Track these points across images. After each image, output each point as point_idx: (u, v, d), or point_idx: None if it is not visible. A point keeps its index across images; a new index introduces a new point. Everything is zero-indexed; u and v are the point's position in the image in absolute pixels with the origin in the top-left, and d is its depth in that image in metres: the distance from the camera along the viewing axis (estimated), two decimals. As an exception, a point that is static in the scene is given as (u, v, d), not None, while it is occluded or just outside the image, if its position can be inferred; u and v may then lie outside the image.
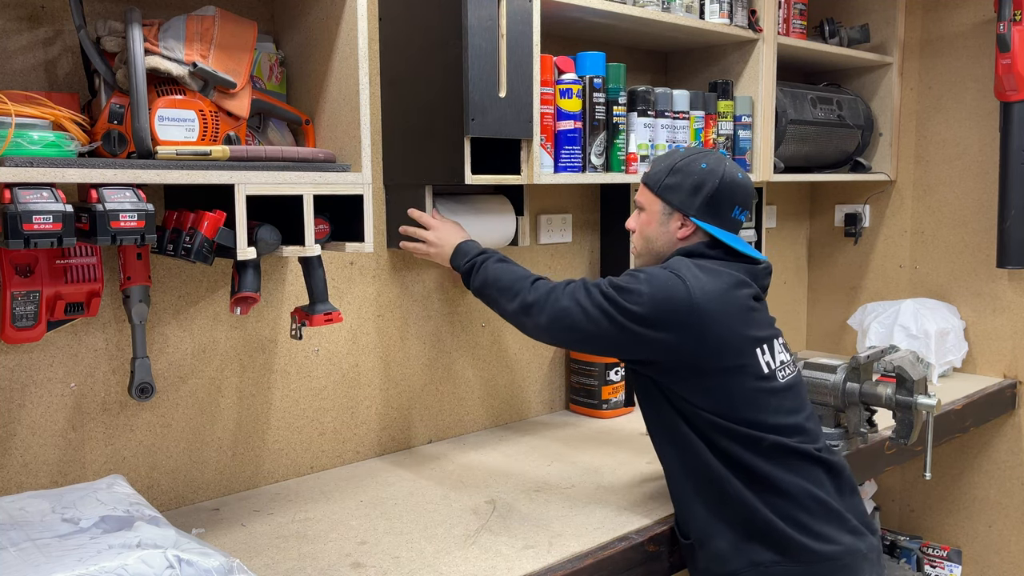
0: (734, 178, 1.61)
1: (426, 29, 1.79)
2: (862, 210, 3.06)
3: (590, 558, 1.48)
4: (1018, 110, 2.54)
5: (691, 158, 1.62)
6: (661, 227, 1.64)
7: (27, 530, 1.15)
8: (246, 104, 1.49)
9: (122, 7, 1.54)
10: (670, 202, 1.62)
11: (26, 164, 1.18)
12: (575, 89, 1.97)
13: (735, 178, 1.61)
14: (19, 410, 1.52)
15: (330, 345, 1.92)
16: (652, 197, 1.65)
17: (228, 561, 1.11)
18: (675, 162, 1.63)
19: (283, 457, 1.87)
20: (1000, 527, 2.81)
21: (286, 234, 1.48)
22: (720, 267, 1.57)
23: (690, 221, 1.61)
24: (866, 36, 2.80)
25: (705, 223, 1.60)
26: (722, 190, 1.59)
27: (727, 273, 1.56)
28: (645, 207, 1.66)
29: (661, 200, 1.63)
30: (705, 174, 1.60)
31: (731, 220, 1.62)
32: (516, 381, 2.31)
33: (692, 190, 1.60)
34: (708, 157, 1.62)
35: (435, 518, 1.64)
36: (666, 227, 1.63)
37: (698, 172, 1.60)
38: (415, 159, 1.87)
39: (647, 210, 1.66)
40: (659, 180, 1.63)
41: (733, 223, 1.62)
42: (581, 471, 1.91)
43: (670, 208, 1.62)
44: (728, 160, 1.64)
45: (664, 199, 1.62)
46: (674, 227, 1.63)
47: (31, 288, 1.33)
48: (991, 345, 2.80)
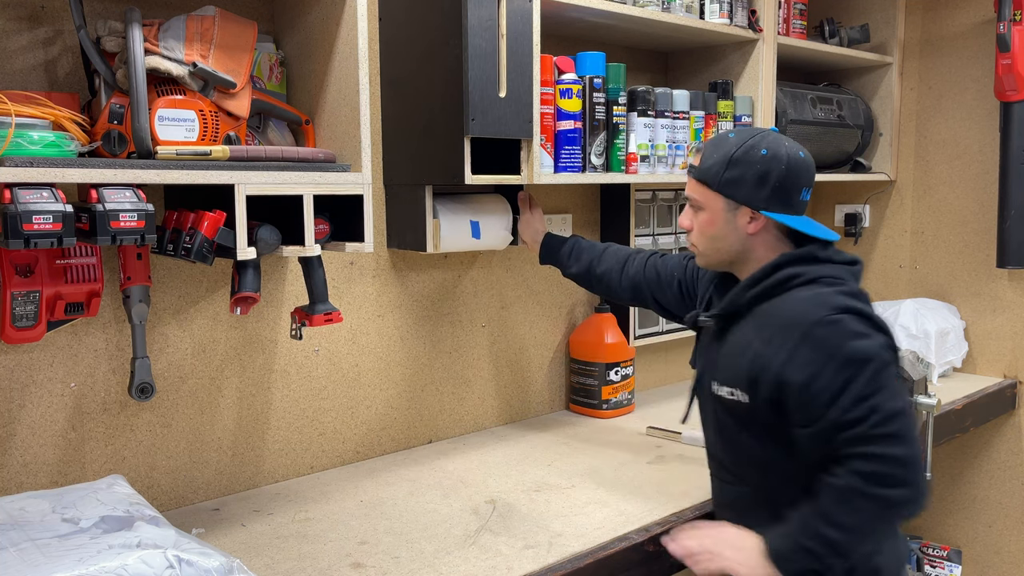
0: (796, 158, 1.47)
1: (426, 29, 1.79)
2: (862, 210, 3.06)
3: (590, 558, 1.48)
4: (1018, 110, 2.54)
5: (748, 145, 1.46)
6: (727, 225, 1.49)
7: (27, 530, 1.15)
8: (246, 104, 1.49)
9: (122, 7, 1.54)
10: (734, 197, 1.47)
11: (26, 164, 1.18)
12: (575, 89, 1.97)
13: (797, 158, 1.47)
14: (19, 410, 1.52)
15: (330, 345, 1.92)
16: (711, 194, 1.49)
17: (228, 561, 1.12)
18: (731, 152, 1.46)
19: (283, 457, 1.87)
20: (1000, 527, 2.81)
21: (286, 234, 1.48)
22: (853, 288, 1.44)
23: (760, 215, 1.47)
24: (866, 36, 2.80)
25: (777, 214, 1.47)
26: (789, 175, 1.45)
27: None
28: (704, 206, 1.51)
29: (723, 196, 1.48)
30: (768, 161, 1.45)
31: (800, 204, 1.49)
32: (516, 381, 2.31)
33: (757, 181, 1.45)
34: (764, 139, 1.47)
35: (435, 518, 1.64)
36: (733, 224, 1.49)
37: (760, 160, 1.45)
38: (415, 159, 1.87)
39: (707, 209, 1.50)
40: (717, 175, 1.47)
41: (801, 206, 1.50)
42: (581, 471, 1.91)
43: (735, 203, 1.47)
44: (783, 137, 1.50)
45: (726, 195, 1.47)
46: (742, 223, 1.48)
47: (31, 288, 1.33)
48: (991, 345, 2.80)
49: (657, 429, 2.19)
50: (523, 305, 2.30)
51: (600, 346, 2.32)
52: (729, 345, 1.51)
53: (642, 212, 2.46)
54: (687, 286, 1.78)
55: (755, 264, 1.51)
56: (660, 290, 1.81)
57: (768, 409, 1.44)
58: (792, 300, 1.43)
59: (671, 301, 1.81)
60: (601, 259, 1.89)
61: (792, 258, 1.47)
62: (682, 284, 1.78)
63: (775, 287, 1.46)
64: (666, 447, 2.09)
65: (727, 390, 1.50)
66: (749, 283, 1.49)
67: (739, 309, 1.50)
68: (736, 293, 1.50)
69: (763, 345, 1.43)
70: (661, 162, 2.18)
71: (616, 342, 2.33)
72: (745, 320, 1.49)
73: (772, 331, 1.42)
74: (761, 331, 1.45)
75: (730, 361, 1.50)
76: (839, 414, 1.34)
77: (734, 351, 1.49)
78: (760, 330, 1.45)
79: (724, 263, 1.55)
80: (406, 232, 1.93)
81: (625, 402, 2.37)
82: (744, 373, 1.45)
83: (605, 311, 2.37)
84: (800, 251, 1.48)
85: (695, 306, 1.76)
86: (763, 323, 1.46)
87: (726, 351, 1.52)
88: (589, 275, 1.90)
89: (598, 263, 1.89)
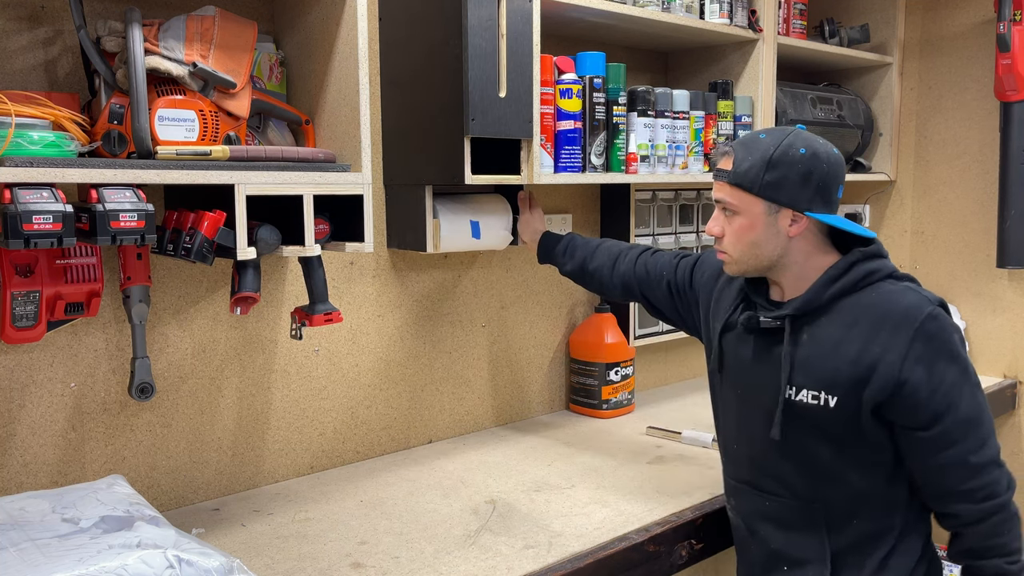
0: (833, 155, 1.43)
1: (426, 29, 1.79)
2: (862, 210, 3.06)
3: (590, 558, 1.48)
4: (1018, 110, 2.55)
5: (785, 144, 1.41)
6: (768, 229, 1.43)
7: (27, 530, 1.15)
8: (246, 104, 1.49)
9: (122, 7, 1.54)
10: (777, 200, 1.41)
11: (26, 164, 1.18)
12: (575, 89, 1.97)
13: (834, 154, 1.43)
14: (19, 410, 1.52)
15: (330, 345, 1.92)
16: (751, 198, 1.42)
17: (228, 561, 1.11)
18: (769, 153, 1.40)
19: (283, 457, 1.87)
20: (1000, 527, 2.81)
21: (286, 234, 1.48)
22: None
23: (803, 216, 1.42)
24: (866, 36, 2.80)
25: (819, 214, 1.42)
26: (830, 173, 1.42)
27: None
28: (741, 210, 1.44)
29: (764, 200, 1.41)
30: (809, 160, 1.40)
31: (836, 202, 1.45)
32: (516, 381, 2.31)
33: (801, 181, 1.40)
34: (799, 138, 1.42)
35: (435, 518, 1.64)
36: (774, 228, 1.43)
37: (801, 160, 1.40)
38: (415, 159, 1.87)
39: (744, 214, 1.43)
40: (757, 178, 1.41)
41: (837, 204, 1.46)
42: (581, 471, 1.91)
43: (777, 206, 1.42)
44: (813, 135, 1.46)
45: (768, 198, 1.41)
46: (783, 225, 1.42)
47: (31, 288, 1.33)
48: (991, 345, 2.80)
49: (657, 429, 2.19)
50: (523, 305, 2.30)
51: (600, 346, 2.32)
52: (810, 346, 1.43)
53: (642, 212, 2.46)
54: (676, 287, 1.74)
55: (795, 268, 1.46)
56: (649, 288, 1.79)
57: (867, 411, 1.38)
58: (888, 294, 1.40)
59: (660, 300, 1.78)
60: (594, 256, 1.87)
61: (866, 255, 1.43)
62: (671, 285, 1.75)
63: (858, 282, 1.42)
64: (666, 447, 2.09)
65: (810, 394, 1.42)
66: (827, 280, 1.43)
67: (816, 307, 1.43)
68: (814, 291, 1.43)
69: (865, 344, 1.38)
70: (661, 162, 2.18)
71: (616, 342, 2.33)
72: (825, 318, 1.43)
73: (873, 327, 1.38)
74: (855, 328, 1.39)
75: (818, 362, 1.42)
76: (958, 413, 1.36)
77: (821, 352, 1.42)
78: (853, 327, 1.40)
79: (760, 270, 1.48)
80: (406, 232, 1.93)
81: (625, 402, 2.37)
82: (844, 374, 1.39)
83: (605, 311, 2.37)
84: (871, 248, 1.44)
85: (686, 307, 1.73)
86: (855, 319, 1.40)
87: (807, 353, 1.43)
88: (583, 272, 1.89)
89: (591, 260, 1.87)
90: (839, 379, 1.39)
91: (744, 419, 1.55)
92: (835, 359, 1.40)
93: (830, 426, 1.42)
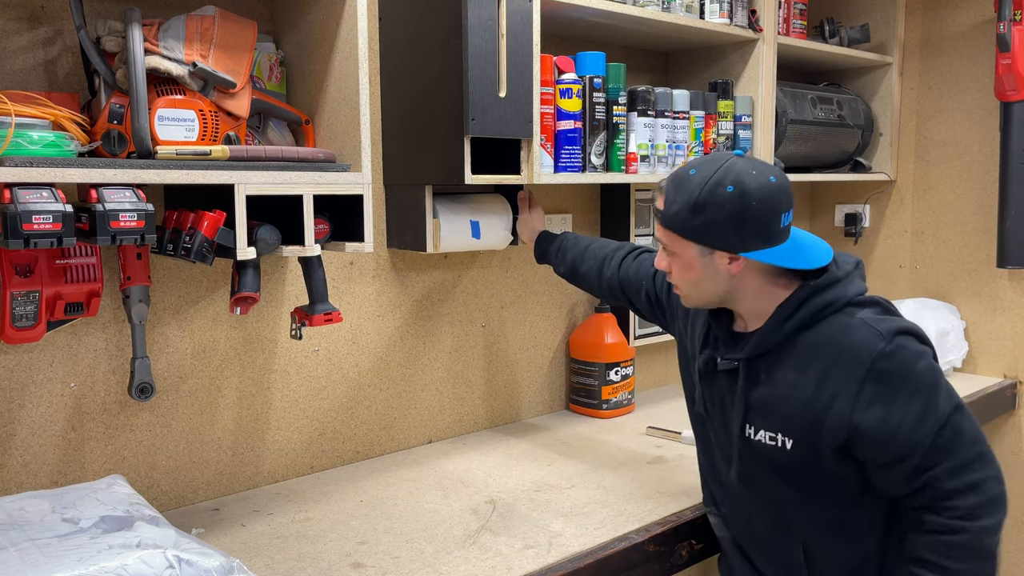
0: (767, 186, 1.31)
1: (426, 29, 1.79)
2: (862, 210, 3.06)
3: (590, 558, 1.48)
4: (1018, 110, 2.54)
5: (711, 183, 1.32)
6: (706, 270, 1.38)
7: (27, 530, 1.15)
8: (246, 104, 1.49)
9: (122, 7, 1.54)
10: (708, 243, 1.35)
11: (26, 164, 1.18)
12: (575, 89, 1.97)
13: (768, 185, 1.31)
14: (19, 410, 1.52)
15: (330, 345, 1.92)
16: (683, 242, 1.37)
17: (228, 561, 1.11)
18: (694, 196, 1.33)
19: (283, 457, 1.87)
20: (1000, 527, 2.80)
21: (286, 234, 1.48)
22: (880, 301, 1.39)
23: (740, 257, 1.36)
24: (866, 36, 2.80)
25: (757, 253, 1.34)
26: (763, 209, 1.31)
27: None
28: (677, 253, 1.40)
29: (696, 244, 1.36)
30: (737, 200, 1.30)
31: (781, 232, 1.35)
32: (516, 381, 2.31)
33: (731, 224, 1.32)
34: (729, 173, 1.32)
35: (435, 518, 1.64)
36: (712, 267, 1.37)
37: (729, 200, 1.30)
38: (415, 159, 1.87)
39: (680, 257, 1.39)
40: (684, 222, 1.35)
41: (783, 233, 1.35)
42: (581, 471, 1.91)
43: (709, 249, 1.36)
44: (751, 162, 1.35)
45: (699, 241, 1.36)
46: (722, 265, 1.37)
47: (31, 288, 1.33)
48: (991, 345, 2.80)
49: (657, 429, 2.19)
50: (523, 305, 2.30)
51: (600, 346, 2.32)
52: (767, 387, 1.40)
53: (642, 212, 2.46)
54: (654, 296, 1.70)
55: (747, 301, 1.41)
56: (632, 294, 1.77)
57: (827, 453, 1.35)
58: (839, 331, 1.34)
59: (642, 305, 1.75)
60: (583, 259, 1.85)
61: (819, 287, 1.37)
62: (649, 294, 1.72)
63: (811, 317, 1.36)
64: (666, 447, 2.09)
65: (768, 435, 1.40)
66: (779, 320, 1.38)
67: (771, 347, 1.39)
68: (767, 331, 1.39)
69: (818, 387, 1.33)
70: (661, 162, 2.18)
71: (616, 342, 2.33)
72: (782, 357, 1.38)
73: (824, 369, 1.33)
74: (808, 369, 1.35)
75: (773, 406, 1.39)
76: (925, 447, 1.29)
77: (777, 394, 1.38)
78: (807, 369, 1.35)
79: (713, 303, 1.45)
80: (406, 232, 1.93)
81: (625, 402, 2.37)
82: (797, 419, 1.36)
83: (605, 311, 2.37)
84: (821, 280, 1.37)
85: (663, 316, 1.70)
86: (809, 359, 1.35)
87: (764, 394, 1.40)
88: (575, 274, 1.88)
89: (580, 263, 1.85)
90: (794, 422, 1.36)
91: (721, 452, 1.54)
92: (790, 402, 1.37)
93: (790, 466, 1.40)
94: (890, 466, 1.33)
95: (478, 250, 2.10)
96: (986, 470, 1.31)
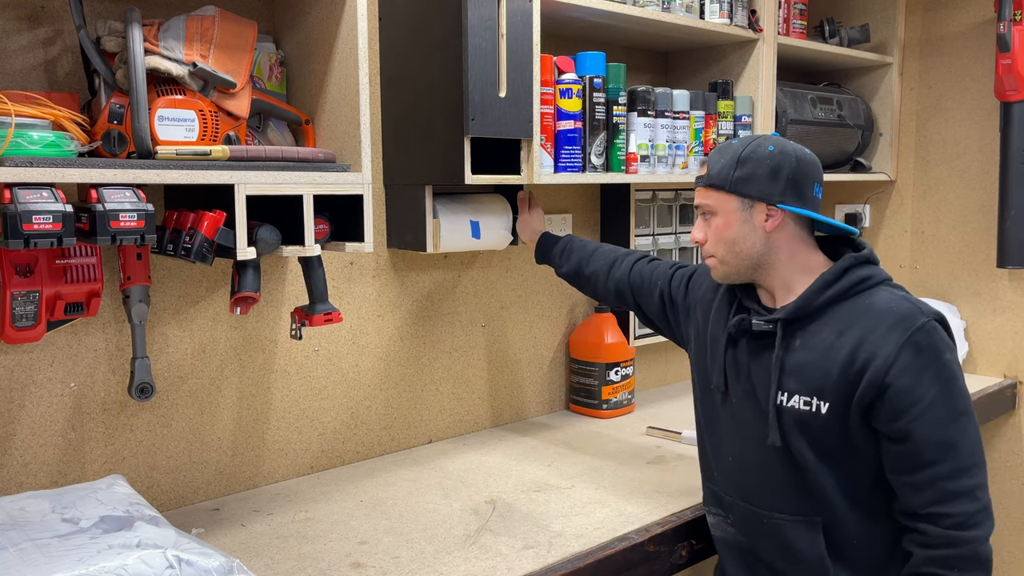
0: (803, 154, 1.46)
1: (426, 29, 1.79)
2: (862, 210, 3.06)
3: (590, 558, 1.48)
4: (1018, 110, 2.54)
5: (754, 144, 1.45)
6: (744, 225, 1.45)
7: (27, 530, 1.15)
8: (246, 104, 1.49)
9: (122, 7, 1.54)
10: (748, 194, 1.43)
11: (26, 164, 1.18)
12: (575, 89, 1.97)
13: (805, 154, 1.46)
14: (19, 410, 1.52)
15: (330, 345, 1.92)
16: (724, 196, 1.45)
17: (228, 561, 1.11)
18: (738, 153, 1.45)
19: (283, 457, 1.87)
20: (1000, 527, 2.81)
21: (286, 234, 1.48)
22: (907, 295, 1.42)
23: (777, 208, 1.43)
24: (866, 36, 2.80)
25: (794, 207, 1.43)
26: (800, 168, 1.43)
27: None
28: (717, 210, 1.47)
29: (736, 196, 1.44)
30: (777, 156, 1.43)
31: (813, 200, 1.46)
32: (516, 381, 2.31)
33: (770, 175, 1.43)
34: (768, 140, 1.46)
35: (435, 518, 1.64)
36: (750, 224, 1.44)
37: (769, 156, 1.43)
38: (415, 159, 1.87)
39: (720, 212, 1.46)
40: (727, 175, 1.44)
41: (815, 203, 1.47)
42: (581, 471, 1.91)
43: (750, 201, 1.44)
44: (788, 140, 1.49)
45: (740, 193, 1.44)
46: (759, 220, 1.44)
47: (31, 288, 1.33)
48: (991, 345, 2.80)
49: (657, 429, 2.19)
50: (523, 305, 2.30)
51: (600, 346, 2.32)
52: (802, 351, 1.42)
53: (642, 212, 2.46)
54: (670, 297, 1.72)
55: (780, 268, 1.46)
56: (642, 296, 1.77)
57: (856, 417, 1.37)
58: (883, 299, 1.39)
59: (652, 309, 1.76)
60: (590, 260, 1.86)
61: (860, 260, 1.43)
62: (664, 294, 1.73)
63: (851, 288, 1.41)
64: (666, 447, 2.09)
65: (802, 400, 1.41)
66: (821, 285, 1.42)
67: (809, 312, 1.43)
68: (808, 295, 1.42)
69: (857, 346, 1.37)
70: (661, 162, 2.18)
71: (616, 342, 2.33)
72: (816, 323, 1.42)
73: (865, 331, 1.37)
74: (848, 331, 1.38)
75: (810, 368, 1.41)
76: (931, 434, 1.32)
77: (812, 357, 1.41)
78: (846, 331, 1.39)
79: (747, 270, 1.48)
80: (406, 232, 1.93)
81: (625, 402, 2.37)
82: (834, 379, 1.38)
83: (605, 311, 2.37)
84: (865, 253, 1.45)
85: (676, 319, 1.71)
86: (848, 323, 1.39)
87: (799, 358, 1.42)
88: (578, 275, 1.88)
89: (587, 264, 1.86)
90: (829, 384, 1.39)
91: (739, 427, 1.52)
92: (826, 364, 1.39)
93: (821, 433, 1.41)
94: (895, 440, 1.36)
95: (478, 250, 2.10)
96: (980, 476, 1.35)
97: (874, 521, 1.44)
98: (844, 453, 1.41)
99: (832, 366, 1.38)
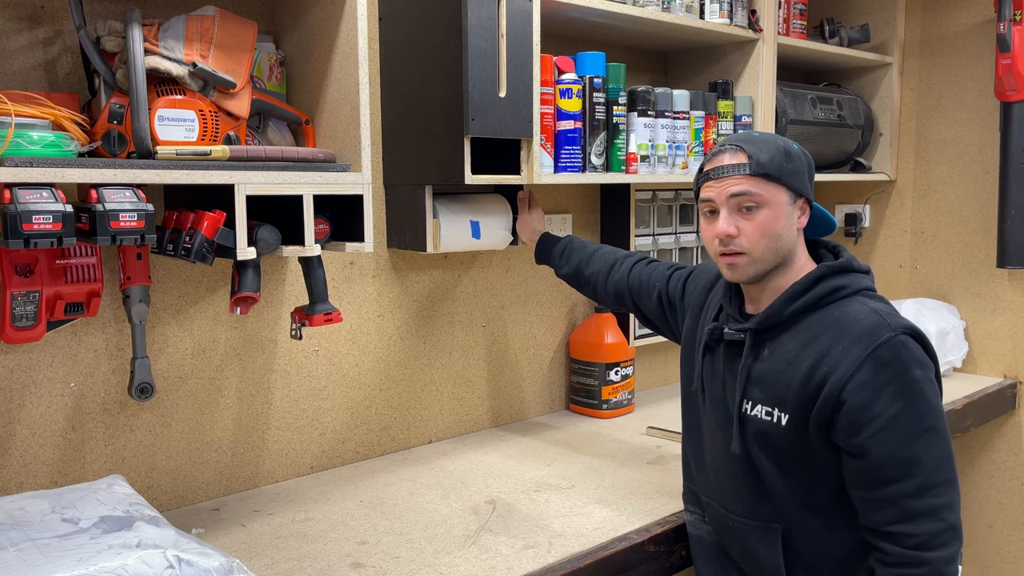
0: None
1: (426, 29, 1.79)
2: (862, 210, 3.06)
3: (590, 558, 1.48)
4: (1018, 110, 2.54)
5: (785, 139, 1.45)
6: (789, 220, 1.41)
7: (27, 530, 1.15)
8: (246, 104, 1.49)
9: (122, 7, 1.54)
10: (796, 189, 1.41)
11: (26, 164, 1.18)
12: (575, 89, 1.97)
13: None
14: (19, 410, 1.52)
15: (330, 345, 1.92)
16: (776, 188, 1.39)
17: (228, 561, 1.11)
18: (783, 145, 1.42)
19: (283, 457, 1.87)
20: (1000, 527, 2.81)
21: (286, 234, 1.48)
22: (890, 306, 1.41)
23: (808, 207, 1.44)
24: (866, 36, 2.80)
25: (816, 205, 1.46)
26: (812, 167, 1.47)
27: None
28: (767, 201, 1.39)
29: (787, 189, 1.40)
30: (805, 154, 1.45)
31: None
32: (516, 381, 2.31)
33: (808, 173, 1.44)
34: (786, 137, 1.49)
35: (435, 518, 1.64)
36: (792, 219, 1.42)
37: (801, 152, 1.44)
38: (415, 159, 1.87)
39: (770, 204, 1.39)
40: (782, 167, 1.39)
41: None
42: (581, 471, 1.91)
43: (794, 195, 1.41)
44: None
45: (791, 187, 1.40)
46: (796, 217, 1.43)
47: (31, 288, 1.33)
48: (991, 345, 2.80)
49: (657, 429, 2.19)
50: (523, 305, 2.30)
51: (600, 346, 2.32)
52: (769, 362, 1.41)
53: (642, 212, 2.46)
54: (668, 298, 1.72)
55: (795, 268, 1.44)
56: (641, 298, 1.77)
57: (814, 430, 1.36)
58: (853, 311, 1.37)
59: (651, 310, 1.76)
60: (590, 261, 1.86)
61: (834, 269, 1.41)
62: (662, 296, 1.73)
63: (822, 298, 1.39)
64: (666, 447, 2.09)
65: (764, 410, 1.41)
66: (791, 296, 1.40)
67: (779, 323, 1.41)
68: (777, 305, 1.41)
69: (817, 362, 1.35)
70: (661, 162, 2.18)
71: (616, 342, 2.33)
72: (786, 334, 1.41)
73: (826, 346, 1.35)
74: (812, 343, 1.37)
75: (773, 378, 1.40)
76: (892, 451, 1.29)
77: (777, 367, 1.40)
78: (810, 343, 1.37)
79: (770, 268, 1.43)
80: (406, 232, 1.93)
81: (625, 402, 2.37)
82: (795, 389, 1.36)
83: (605, 311, 2.37)
84: (839, 262, 1.42)
85: (675, 319, 1.71)
86: (815, 334, 1.37)
87: (765, 368, 1.41)
88: (578, 277, 1.88)
89: (587, 265, 1.86)
90: (791, 396, 1.37)
91: (711, 431, 1.53)
92: (789, 375, 1.38)
93: (781, 444, 1.40)
94: (854, 456, 1.33)
95: (478, 250, 2.10)
96: (948, 496, 1.31)
97: (835, 533, 1.42)
98: (805, 465, 1.40)
99: (794, 378, 1.37)
